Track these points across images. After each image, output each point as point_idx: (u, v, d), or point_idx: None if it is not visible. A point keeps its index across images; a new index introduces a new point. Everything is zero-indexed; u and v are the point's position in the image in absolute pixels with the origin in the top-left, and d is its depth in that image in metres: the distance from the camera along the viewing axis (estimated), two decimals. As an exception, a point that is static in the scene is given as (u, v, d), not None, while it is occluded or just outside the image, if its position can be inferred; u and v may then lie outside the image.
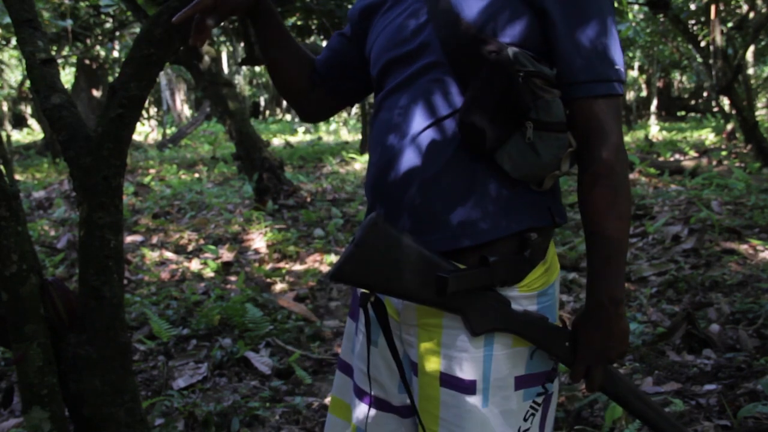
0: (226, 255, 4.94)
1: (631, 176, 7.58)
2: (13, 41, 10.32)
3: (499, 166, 1.08)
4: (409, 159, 1.13)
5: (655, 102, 16.13)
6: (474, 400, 1.10)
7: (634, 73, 19.44)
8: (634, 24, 10.65)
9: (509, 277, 1.10)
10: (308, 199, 6.87)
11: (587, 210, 1.10)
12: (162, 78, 17.32)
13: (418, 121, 1.14)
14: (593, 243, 1.10)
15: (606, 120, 1.06)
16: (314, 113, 1.43)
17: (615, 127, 1.07)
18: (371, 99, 11.03)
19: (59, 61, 10.04)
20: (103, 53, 12.71)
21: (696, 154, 9.09)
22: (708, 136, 11.97)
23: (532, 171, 1.08)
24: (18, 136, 18.56)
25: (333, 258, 4.75)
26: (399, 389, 1.22)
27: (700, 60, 10.06)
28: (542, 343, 1.11)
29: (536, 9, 1.07)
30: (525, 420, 1.12)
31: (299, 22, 8.38)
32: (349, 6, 7.62)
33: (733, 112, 8.55)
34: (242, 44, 7.29)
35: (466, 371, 1.10)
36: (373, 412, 1.24)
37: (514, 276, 1.11)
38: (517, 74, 1.03)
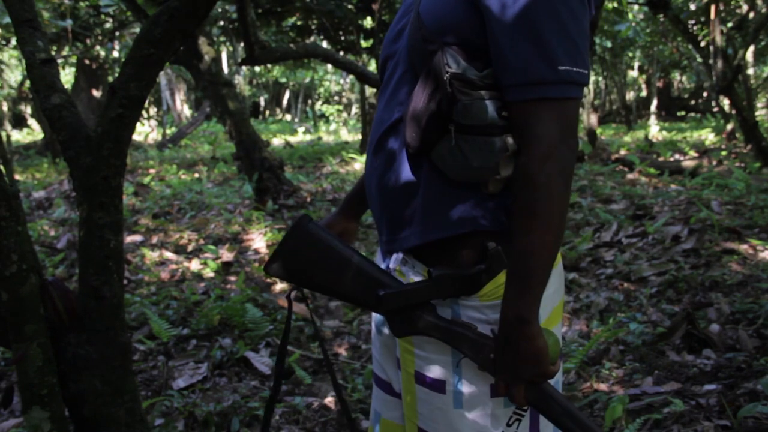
0: (226, 255, 4.94)
1: (631, 176, 7.59)
2: (13, 41, 10.32)
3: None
4: (377, 161, 1.16)
5: (655, 102, 16.12)
6: (445, 399, 1.11)
7: (634, 73, 19.45)
8: (634, 24, 10.65)
9: (459, 290, 1.08)
10: (308, 199, 6.87)
11: (512, 219, 1.04)
12: (162, 78, 17.32)
13: (385, 122, 1.16)
14: (511, 255, 1.04)
15: (536, 126, 0.99)
16: None
17: (547, 134, 0.98)
18: (372, 99, 10.97)
19: (59, 61, 10.04)
20: (103, 53, 12.72)
21: (696, 154, 9.09)
22: (708, 136, 11.98)
23: (466, 174, 1.04)
24: (18, 136, 18.55)
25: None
26: (398, 376, 1.24)
27: (700, 60, 10.06)
28: (467, 352, 1.07)
29: (478, 7, 1.03)
30: (509, 425, 1.11)
31: (299, 22, 8.38)
32: (349, 6, 7.62)
33: (733, 112, 8.55)
34: (242, 44, 7.29)
35: (435, 372, 1.12)
36: (385, 395, 1.30)
37: (466, 288, 1.08)
38: (444, 75, 1.00)
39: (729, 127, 10.57)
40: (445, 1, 1.06)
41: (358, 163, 10.10)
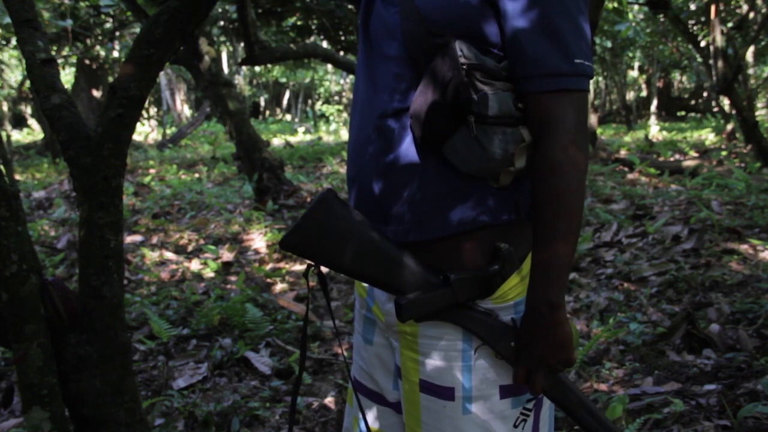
0: (226, 255, 4.94)
1: (631, 176, 7.59)
2: (13, 41, 10.32)
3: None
4: (372, 148, 1.13)
5: (655, 102, 16.12)
6: (453, 406, 1.09)
7: (634, 73, 19.45)
8: (634, 24, 10.66)
9: (475, 294, 1.07)
10: (308, 199, 6.87)
11: (534, 208, 1.05)
12: (162, 78, 17.32)
13: (380, 111, 1.12)
14: (536, 243, 1.05)
15: (557, 116, 1.01)
16: None
17: (568, 123, 1.01)
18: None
19: (59, 61, 10.04)
20: (103, 53, 12.71)
21: (696, 154, 9.09)
22: (708, 136, 11.98)
23: (480, 166, 1.04)
24: (18, 136, 18.55)
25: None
26: (393, 386, 1.23)
27: (700, 60, 10.07)
28: (486, 339, 1.08)
29: (490, 0, 1.03)
30: (515, 426, 1.11)
31: (299, 22, 8.37)
32: (350, 6, 7.62)
33: (733, 112, 8.55)
34: (242, 44, 7.29)
35: (443, 379, 1.10)
36: (371, 405, 1.27)
37: (481, 292, 1.07)
38: (461, 66, 1.00)
39: (729, 127, 10.58)
40: None
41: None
